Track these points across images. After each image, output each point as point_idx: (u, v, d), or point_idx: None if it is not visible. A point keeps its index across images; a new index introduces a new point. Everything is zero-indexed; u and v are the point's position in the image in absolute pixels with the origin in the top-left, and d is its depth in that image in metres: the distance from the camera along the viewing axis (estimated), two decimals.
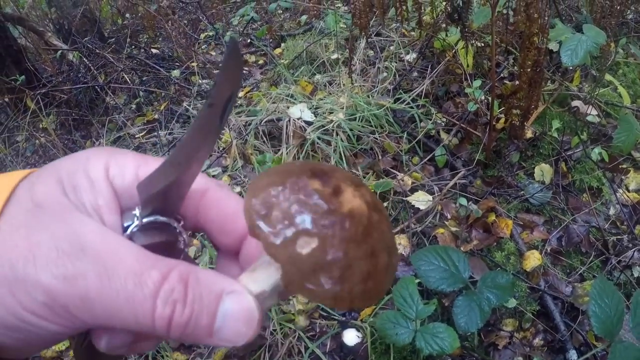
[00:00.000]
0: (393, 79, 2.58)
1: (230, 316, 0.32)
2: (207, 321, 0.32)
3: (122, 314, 0.31)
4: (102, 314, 0.31)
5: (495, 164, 2.10)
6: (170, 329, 0.31)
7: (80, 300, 0.30)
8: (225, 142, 2.45)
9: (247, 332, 0.33)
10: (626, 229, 1.89)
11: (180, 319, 0.31)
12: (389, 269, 0.34)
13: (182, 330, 0.32)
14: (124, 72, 3.41)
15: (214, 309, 0.32)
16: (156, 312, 0.31)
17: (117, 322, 0.31)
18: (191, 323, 0.32)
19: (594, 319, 1.22)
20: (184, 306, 0.31)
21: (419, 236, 1.89)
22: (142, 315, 0.31)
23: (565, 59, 1.82)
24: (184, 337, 0.32)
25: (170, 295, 0.31)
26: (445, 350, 1.32)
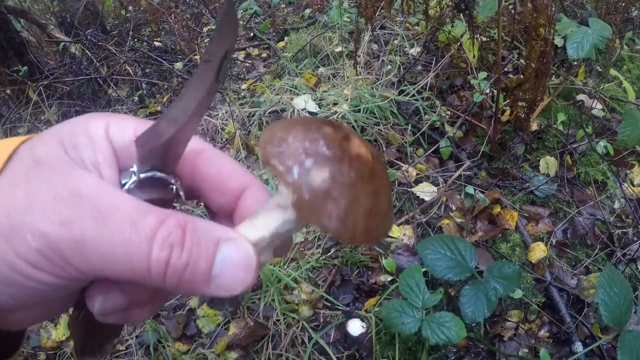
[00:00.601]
0: (397, 72, 2.57)
1: (228, 262, 0.32)
2: (205, 266, 0.32)
3: (117, 258, 0.30)
4: (96, 260, 0.30)
5: (500, 156, 2.09)
6: (167, 275, 0.31)
7: (75, 244, 0.30)
8: (228, 133, 2.44)
9: (245, 278, 0.33)
10: (631, 222, 1.89)
11: (177, 262, 0.31)
12: (388, 214, 0.36)
13: (179, 276, 0.31)
14: (127, 64, 3.40)
15: (212, 253, 0.32)
16: (152, 255, 0.30)
17: (112, 270, 0.30)
18: (189, 268, 0.31)
19: (602, 307, 1.21)
20: (181, 250, 0.31)
21: (423, 227, 1.88)
22: (137, 260, 0.30)
23: (571, 51, 1.81)
24: (181, 286, 0.31)
25: (167, 238, 0.31)
26: (452, 339, 1.31)
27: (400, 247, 1.78)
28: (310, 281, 1.76)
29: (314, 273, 1.79)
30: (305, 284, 1.73)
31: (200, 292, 0.32)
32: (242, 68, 3.32)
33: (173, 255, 0.31)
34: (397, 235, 1.82)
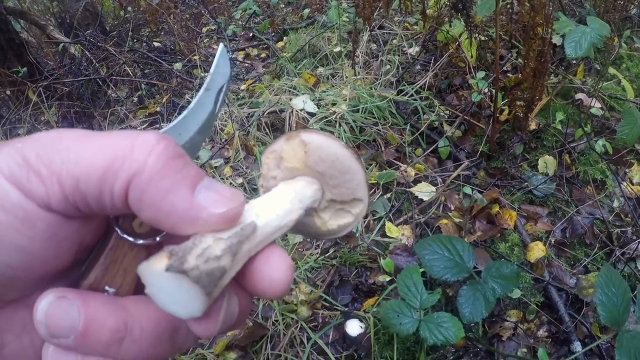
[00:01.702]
0: (396, 72, 2.57)
1: (215, 185, 0.33)
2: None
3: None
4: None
5: (498, 155, 2.09)
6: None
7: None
8: (227, 134, 2.44)
9: (232, 198, 0.33)
10: (630, 221, 1.89)
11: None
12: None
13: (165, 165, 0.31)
14: (126, 65, 3.41)
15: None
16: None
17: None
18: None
19: (600, 307, 1.22)
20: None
21: (422, 227, 1.88)
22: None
23: (569, 50, 1.81)
24: (163, 181, 0.31)
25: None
26: (449, 340, 1.31)
27: (398, 248, 1.78)
28: (309, 281, 1.76)
29: (312, 273, 1.80)
30: (303, 285, 1.73)
31: (182, 205, 0.31)
32: (241, 68, 3.33)
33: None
34: (396, 235, 1.82)
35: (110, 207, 0.32)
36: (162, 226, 0.32)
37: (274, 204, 0.37)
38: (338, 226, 0.43)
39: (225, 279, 0.32)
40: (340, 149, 0.39)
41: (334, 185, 0.41)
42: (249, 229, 0.34)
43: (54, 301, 0.31)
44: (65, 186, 0.30)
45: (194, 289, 0.30)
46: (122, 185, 0.30)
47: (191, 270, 0.30)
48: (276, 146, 0.41)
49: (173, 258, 0.30)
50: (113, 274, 0.35)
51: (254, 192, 2.08)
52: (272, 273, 0.34)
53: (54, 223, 0.31)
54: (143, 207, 0.31)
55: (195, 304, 0.31)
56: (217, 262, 0.31)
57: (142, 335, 0.33)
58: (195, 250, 0.31)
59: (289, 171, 0.41)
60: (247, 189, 2.12)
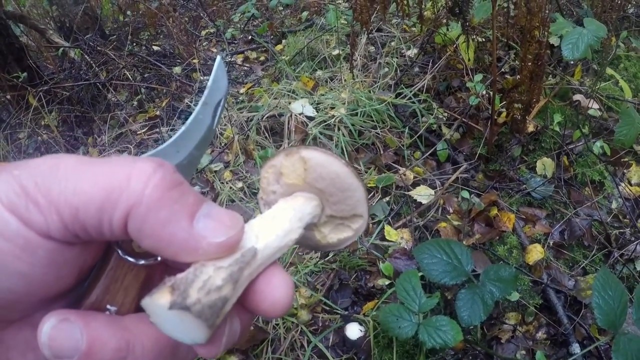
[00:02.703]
0: (394, 74, 2.58)
1: (214, 213, 0.34)
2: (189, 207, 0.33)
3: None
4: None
5: (497, 158, 2.10)
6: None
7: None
8: (227, 138, 2.45)
9: (231, 226, 0.34)
10: (629, 222, 1.89)
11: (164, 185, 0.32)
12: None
13: (162, 196, 0.32)
14: (126, 69, 3.41)
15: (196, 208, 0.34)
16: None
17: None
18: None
19: (597, 310, 1.22)
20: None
21: (421, 230, 1.89)
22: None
23: (566, 52, 1.82)
24: (164, 212, 0.31)
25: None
26: (448, 343, 1.32)
27: (397, 251, 1.79)
28: (309, 285, 1.77)
29: (312, 277, 1.81)
30: (304, 288, 1.74)
31: (180, 233, 0.32)
32: (240, 72, 3.33)
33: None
34: (395, 239, 1.83)
35: (110, 236, 0.32)
36: (162, 255, 0.33)
37: (274, 224, 0.38)
38: (338, 240, 0.43)
39: (227, 307, 0.32)
40: (341, 167, 0.39)
41: (334, 202, 0.41)
42: (249, 255, 0.34)
43: (57, 324, 0.31)
44: (64, 216, 0.31)
45: (196, 322, 0.31)
46: (121, 216, 0.31)
47: (193, 305, 0.31)
48: (275, 161, 0.42)
49: (175, 293, 0.31)
50: (114, 293, 0.36)
51: (253, 196, 2.09)
52: (274, 294, 0.35)
53: (54, 250, 0.32)
54: (143, 237, 0.32)
55: (199, 334, 0.32)
56: (218, 292, 0.32)
57: (143, 353, 0.33)
58: (196, 282, 0.32)
59: (288, 187, 0.41)
60: (247, 193, 2.13)
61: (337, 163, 0.39)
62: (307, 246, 0.45)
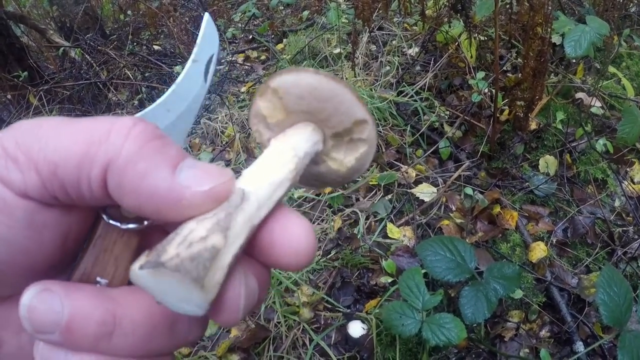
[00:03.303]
0: (396, 73, 2.57)
1: (199, 164, 0.31)
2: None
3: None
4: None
5: (499, 156, 2.09)
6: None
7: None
8: (228, 136, 2.44)
9: (218, 174, 0.30)
10: (632, 220, 1.89)
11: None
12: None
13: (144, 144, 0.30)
14: (126, 69, 3.41)
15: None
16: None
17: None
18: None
19: (602, 307, 1.21)
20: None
21: (423, 228, 1.88)
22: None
23: (569, 50, 1.81)
24: (142, 156, 0.29)
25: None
26: (452, 341, 1.31)
27: (400, 249, 1.78)
28: (311, 283, 1.76)
29: (314, 275, 1.80)
30: (305, 286, 1.73)
31: (161, 182, 0.29)
32: (241, 71, 3.33)
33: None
34: (397, 236, 1.82)
35: (90, 196, 0.30)
36: (145, 213, 0.30)
37: (264, 163, 0.34)
38: (356, 159, 0.39)
39: (221, 258, 0.29)
40: (313, 77, 0.35)
41: (327, 117, 0.37)
42: (236, 198, 0.31)
43: (37, 294, 0.29)
44: (42, 173, 0.29)
45: (177, 278, 0.27)
46: (99, 171, 0.29)
47: (170, 260, 0.27)
48: (255, 108, 0.39)
49: (152, 254, 0.28)
50: (104, 264, 0.33)
51: None
52: (293, 243, 0.32)
53: (33, 211, 0.30)
54: (123, 194, 0.29)
55: (194, 295, 0.28)
56: (202, 243, 0.28)
57: (133, 327, 0.31)
58: (177, 238, 0.29)
59: (277, 126, 0.38)
60: None
61: (307, 75, 0.35)
62: (333, 182, 0.41)
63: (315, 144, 0.37)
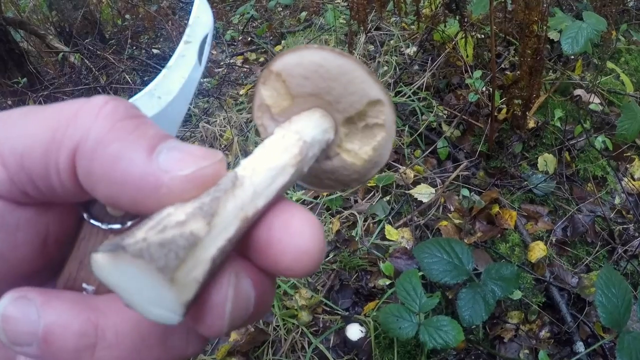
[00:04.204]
0: (394, 73, 2.56)
1: (182, 146, 0.27)
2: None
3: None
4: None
5: (497, 155, 2.08)
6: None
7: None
8: (226, 140, 2.44)
9: (203, 156, 0.26)
10: (632, 217, 1.87)
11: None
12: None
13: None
14: (126, 73, 3.41)
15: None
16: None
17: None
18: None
19: (600, 309, 1.21)
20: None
21: (422, 229, 1.87)
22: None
23: (565, 47, 1.80)
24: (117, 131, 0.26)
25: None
26: (449, 343, 1.30)
27: (398, 251, 1.77)
28: (309, 286, 1.75)
29: (313, 278, 1.79)
30: (304, 289, 1.73)
31: (139, 165, 0.25)
32: (239, 73, 3.33)
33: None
34: (396, 238, 1.82)
35: (61, 189, 0.27)
36: (120, 204, 0.26)
37: (265, 148, 0.30)
38: (373, 149, 0.34)
39: (201, 250, 0.24)
40: (318, 53, 0.31)
41: (337, 99, 0.32)
42: (226, 181, 0.26)
43: (12, 302, 0.26)
44: (8, 165, 0.26)
45: (139, 266, 0.22)
46: (67, 157, 0.26)
47: (133, 244, 0.22)
48: (258, 98, 0.34)
49: (115, 238, 0.23)
50: (89, 268, 0.28)
51: None
52: (295, 243, 0.26)
53: (2, 210, 0.27)
54: (94, 182, 0.26)
55: (163, 292, 0.22)
56: (179, 228, 0.23)
57: (118, 340, 0.26)
58: (149, 223, 0.24)
59: (283, 115, 0.34)
60: None
61: (311, 52, 0.31)
62: (350, 180, 0.35)
63: (324, 131, 0.32)
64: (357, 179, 0.35)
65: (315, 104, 0.33)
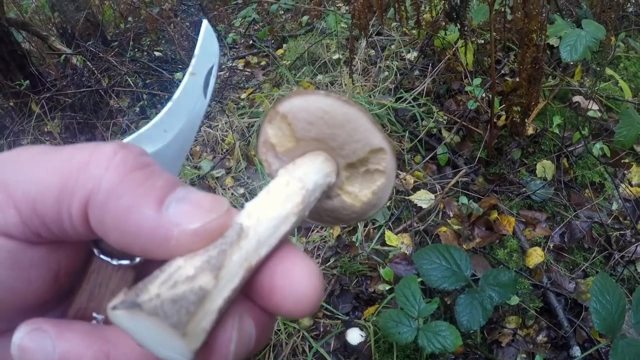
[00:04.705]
0: (394, 78, 2.58)
1: (191, 196, 0.28)
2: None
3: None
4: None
5: (497, 161, 2.10)
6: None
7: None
8: (228, 144, 2.46)
9: (211, 209, 0.28)
10: (629, 223, 1.90)
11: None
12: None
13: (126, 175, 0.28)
14: (127, 75, 3.43)
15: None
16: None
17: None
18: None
19: (595, 315, 1.23)
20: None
21: (421, 235, 1.89)
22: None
23: (564, 54, 1.82)
24: (124, 188, 0.27)
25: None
26: (447, 348, 1.33)
27: (398, 256, 1.80)
28: None
29: None
30: None
31: (146, 219, 0.27)
32: (241, 77, 3.35)
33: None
34: (395, 243, 1.84)
35: (73, 232, 0.28)
36: (132, 251, 0.28)
37: (270, 195, 0.31)
38: (372, 193, 0.35)
39: (210, 302, 0.26)
40: (324, 100, 0.32)
41: (340, 146, 0.33)
42: (232, 234, 0.28)
43: (27, 333, 0.28)
44: (21, 210, 0.27)
45: (154, 323, 0.24)
46: (80, 206, 0.27)
47: (148, 301, 0.24)
48: (263, 136, 0.35)
49: (130, 292, 0.25)
50: (99, 299, 0.31)
51: None
52: (296, 290, 0.28)
53: (16, 251, 0.28)
54: (107, 231, 0.27)
55: (174, 343, 0.25)
56: (189, 283, 0.25)
57: None
58: (161, 276, 0.26)
59: (287, 155, 0.35)
60: (249, 199, 2.14)
61: (317, 98, 0.32)
62: (347, 219, 0.37)
63: (326, 175, 0.33)
64: (355, 218, 0.37)
65: (319, 148, 0.34)
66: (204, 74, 0.38)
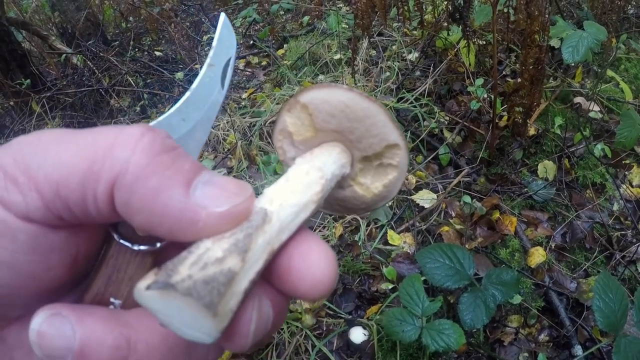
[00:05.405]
0: (396, 79, 2.59)
1: (216, 180, 0.29)
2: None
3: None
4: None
5: (498, 161, 2.11)
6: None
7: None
8: (230, 144, 2.47)
9: (237, 192, 0.29)
10: (630, 224, 1.90)
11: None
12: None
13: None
14: (128, 75, 3.43)
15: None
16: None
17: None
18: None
19: (598, 313, 1.24)
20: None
21: (423, 234, 1.90)
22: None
23: (566, 56, 1.83)
24: (155, 169, 0.27)
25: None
26: (451, 346, 1.33)
27: (400, 255, 1.80)
28: None
29: None
30: None
31: (174, 202, 0.27)
32: (242, 77, 3.35)
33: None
34: (398, 243, 1.85)
35: (97, 215, 0.28)
36: (157, 233, 0.28)
37: (289, 182, 0.32)
38: (384, 186, 0.37)
39: (237, 283, 0.27)
40: (346, 94, 0.33)
41: (358, 139, 0.35)
42: (257, 218, 0.29)
43: (46, 319, 0.28)
44: (44, 193, 0.27)
45: (188, 303, 0.25)
46: (106, 188, 0.27)
47: (181, 282, 0.25)
48: (281, 123, 0.36)
49: (161, 273, 0.26)
50: (117, 284, 0.31)
51: None
52: (312, 273, 0.29)
53: (37, 234, 0.28)
54: (133, 213, 0.27)
55: (204, 322, 0.25)
56: (218, 265, 0.26)
57: (148, 352, 0.29)
58: (190, 258, 0.26)
59: (304, 144, 0.36)
60: None
61: (340, 91, 0.33)
62: (357, 209, 0.38)
63: (342, 166, 0.35)
64: (364, 209, 0.38)
65: (336, 139, 0.35)
66: (222, 65, 0.39)
